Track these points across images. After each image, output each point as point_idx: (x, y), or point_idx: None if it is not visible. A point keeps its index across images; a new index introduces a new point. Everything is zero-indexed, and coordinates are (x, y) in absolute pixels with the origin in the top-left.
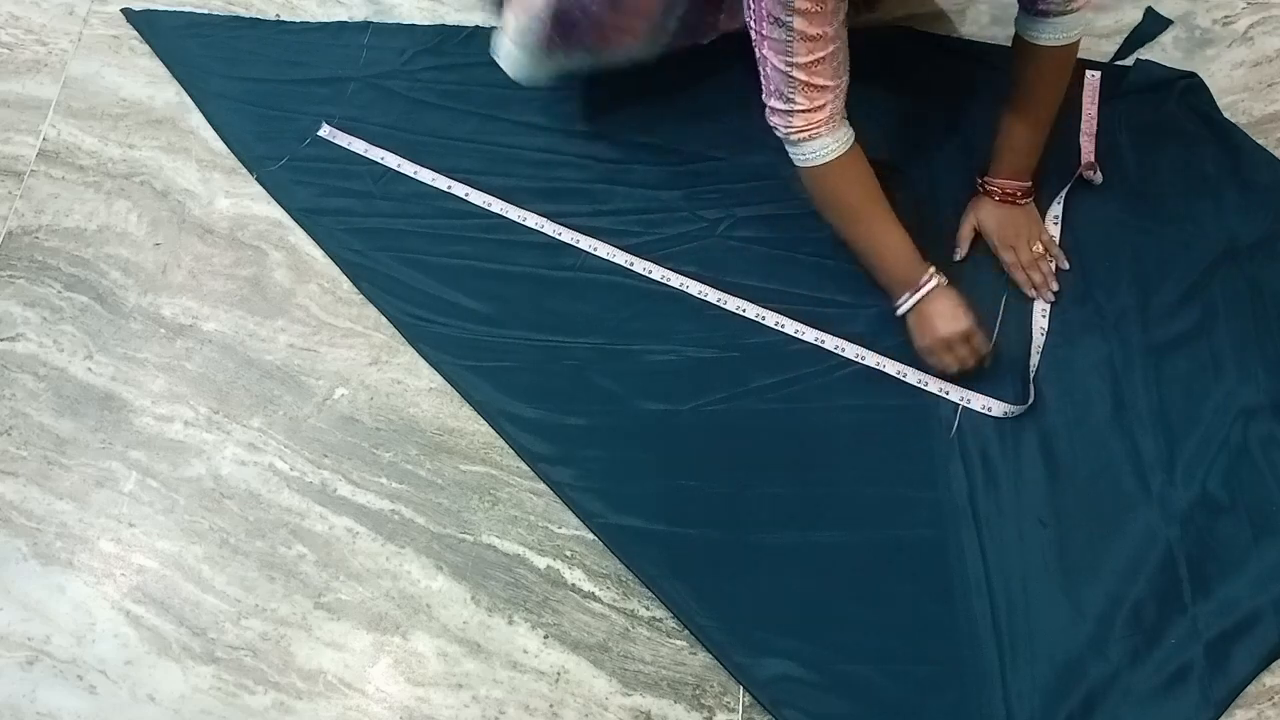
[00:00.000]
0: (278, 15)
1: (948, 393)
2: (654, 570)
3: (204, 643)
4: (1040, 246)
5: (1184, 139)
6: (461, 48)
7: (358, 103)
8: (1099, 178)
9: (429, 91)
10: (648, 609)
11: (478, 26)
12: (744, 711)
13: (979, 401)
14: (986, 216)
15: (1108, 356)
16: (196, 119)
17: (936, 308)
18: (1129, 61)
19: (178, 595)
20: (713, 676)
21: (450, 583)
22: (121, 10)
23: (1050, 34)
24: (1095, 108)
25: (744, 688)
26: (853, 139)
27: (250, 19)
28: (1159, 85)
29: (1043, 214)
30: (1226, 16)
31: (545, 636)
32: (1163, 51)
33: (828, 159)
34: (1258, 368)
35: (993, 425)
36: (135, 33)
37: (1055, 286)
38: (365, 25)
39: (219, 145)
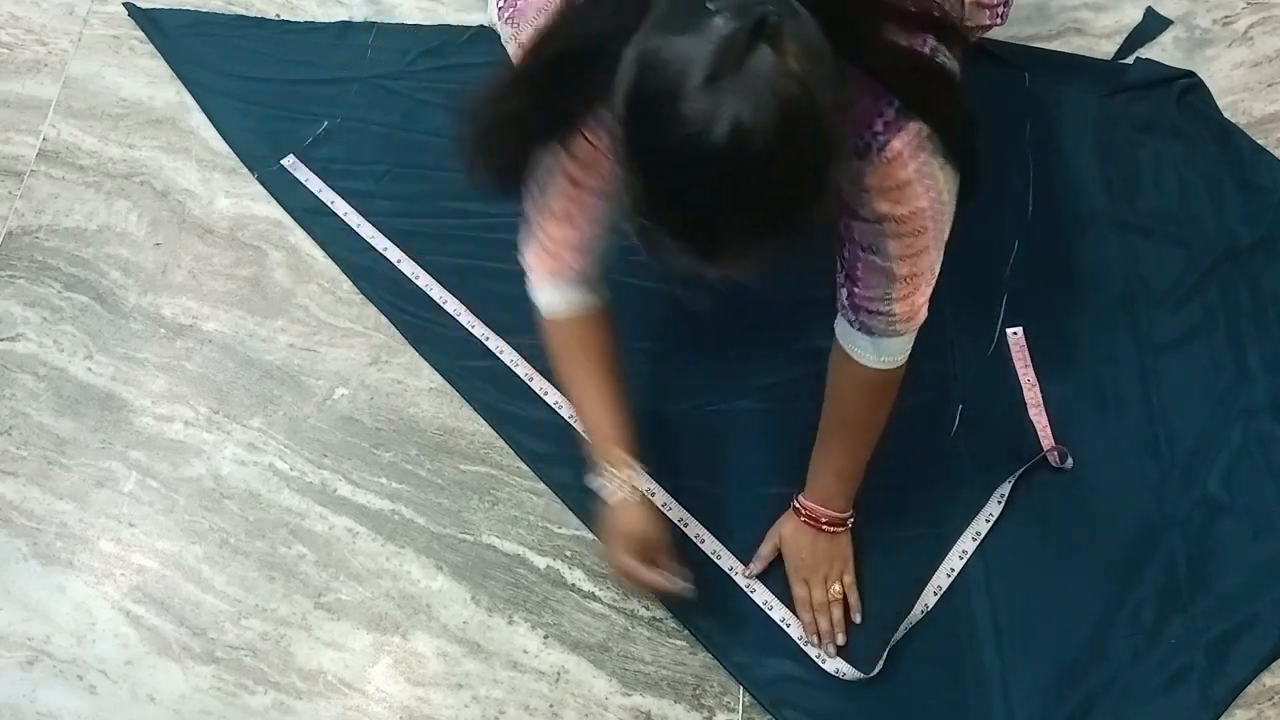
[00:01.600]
0: (278, 15)
1: (787, 624)
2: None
3: (204, 643)
4: (838, 588)
5: (1184, 139)
6: (464, 48)
7: (360, 103)
8: (1070, 463)
9: (431, 92)
10: (648, 609)
11: (481, 27)
12: (744, 711)
13: (815, 649)
14: (789, 539)
15: (1107, 357)
16: (196, 119)
17: (609, 522)
18: (1129, 61)
19: (178, 595)
20: (713, 676)
21: (450, 583)
22: (124, 5)
23: (872, 354)
24: (1032, 371)
25: (744, 688)
26: (590, 309)
27: (254, 18)
28: (1159, 85)
29: (989, 490)
30: (1226, 16)
31: (545, 636)
32: (1163, 51)
33: (552, 312)
34: (1258, 368)
35: (993, 425)
36: (135, 33)
37: (841, 640)
38: (369, 26)
39: (219, 145)
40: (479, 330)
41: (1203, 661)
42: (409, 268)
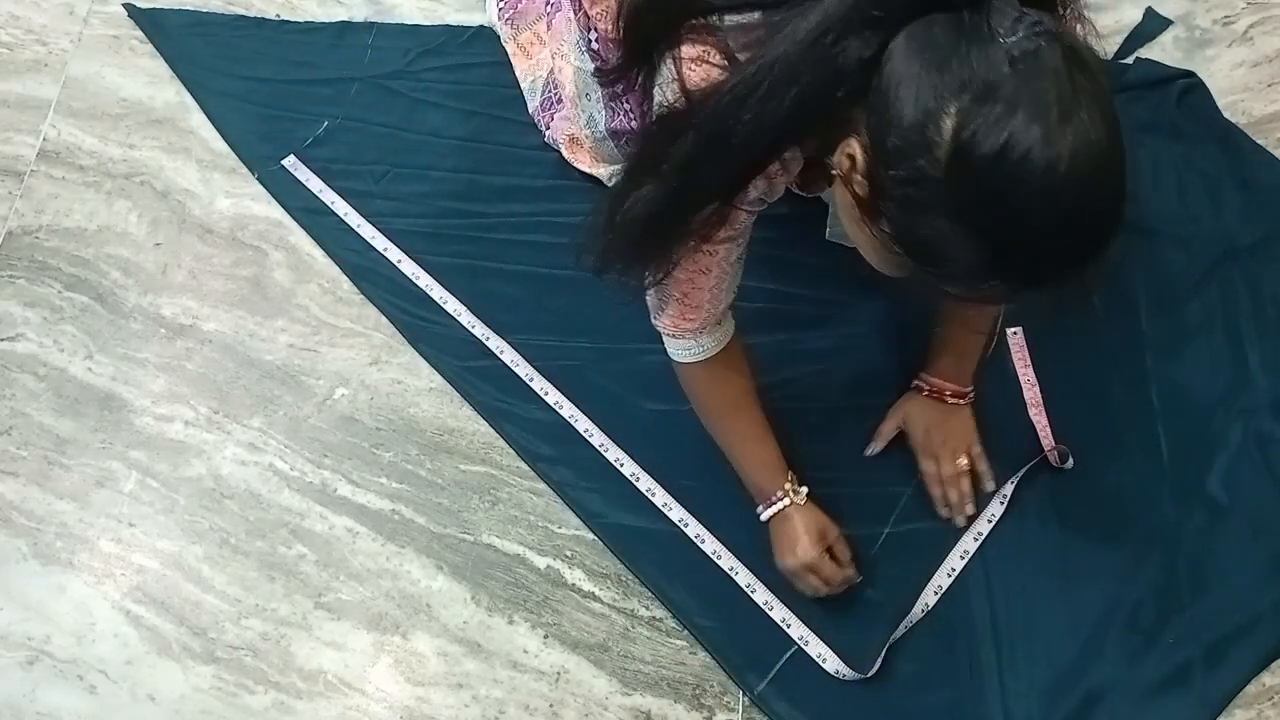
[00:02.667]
0: (278, 15)
1: (788, 625)
2: (654, 570)
3: (204, 642)
4: (965, 461)
5: (1184, 139)
6: (464, 48)
7: (361, 103)
8: (1070, 463)
9: (432, 92)
10: (648, 609)
11: (481, 27)
12: (744, 711)
13: (815, 649)
14: (914, 415)
15: (1107, 356)
16: (197, 119)
17: (784, 531)
18: (1129, 61)
19: (178, 595)
20: (713, 676)
21: (450, 583)
22: (124, 5)
23: None
24: (1032, 371)
25: (742, 689)
26: (725, 340)
27: (254, 18)
28: (1158, 85)
29: (992, 493)
30: (1226, 16)
31: (545, 636)
32: (1162, 51)
33: (692, 360)
34: (1257, 368)
35: (993, 425)
36: (135, 33)
37: (971, 510)
38: (369, 26)
39: (219, 145)
40: (479, 330)
41: (1202, 662)
42: (409, 268)
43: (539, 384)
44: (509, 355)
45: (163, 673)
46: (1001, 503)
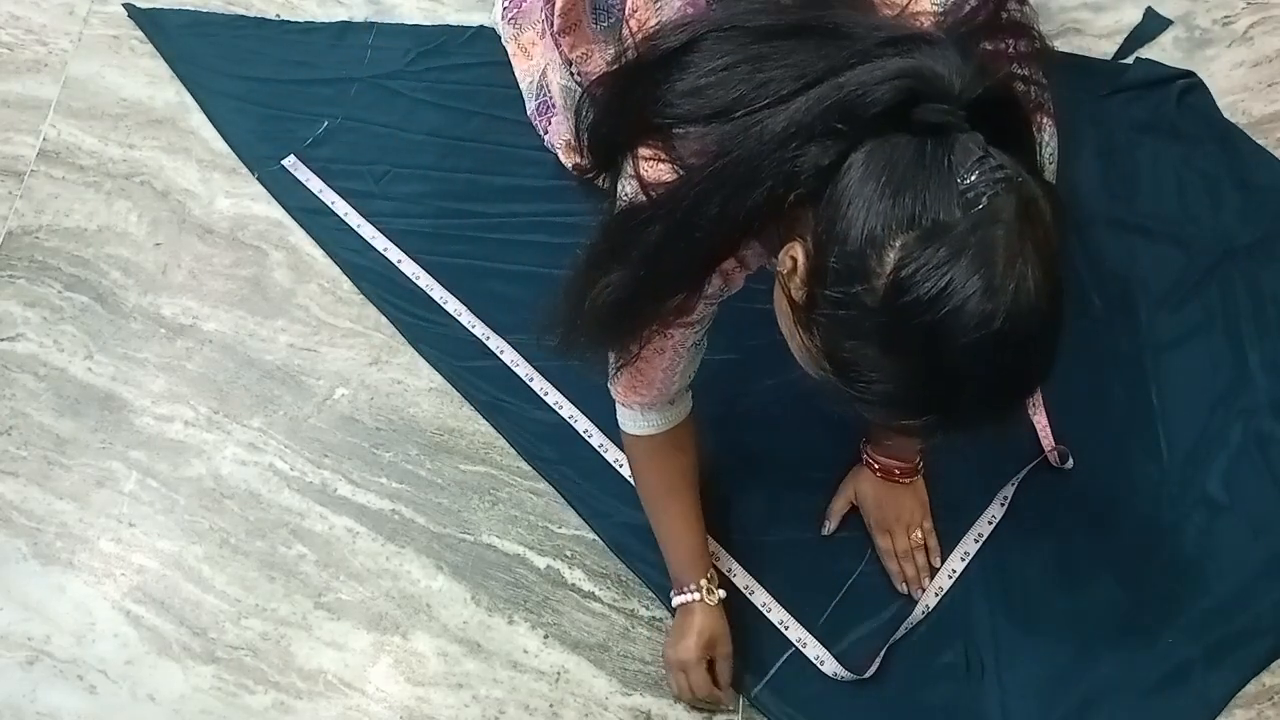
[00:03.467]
0: (278, 15)
1: (786, 627)
2: (653, 571)
3: (204, 642)
4: (919, 534)
5: (1183, 139)
6: (464, 48)
7: (360, 103)
8: (1070, 464)
9: (432, 92)
10: (648, 609)
11: (481, 27)
12: (743, 711)
13: (813, 650)
14: (865, 492)
15: (1107, 356)
16: (197, 119)
17: (683, 622)
18: (1128, 61)
19: (178, 595)
20: None
21: (450, 582)
22: (124, 5)
23: None
24: None
25: (741, 689)
26: (674, 421)
27: (254, 18)
28: (1158, 85)
29: (991, 492)
30: (1226, 16)
31: (545, 636)
32: (1162, 51)
33: (637, 433)
34: (1257, 368)
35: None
36: (135, 33)
37: (928, 584)
38: (369, 26)
39: (219, 145)
40: (479, 330)
41: (1201, 662)
42: (409, 268)
43: (539, 384)
44: (509, 355)
45: (163, 673)
46: (1002, 504)
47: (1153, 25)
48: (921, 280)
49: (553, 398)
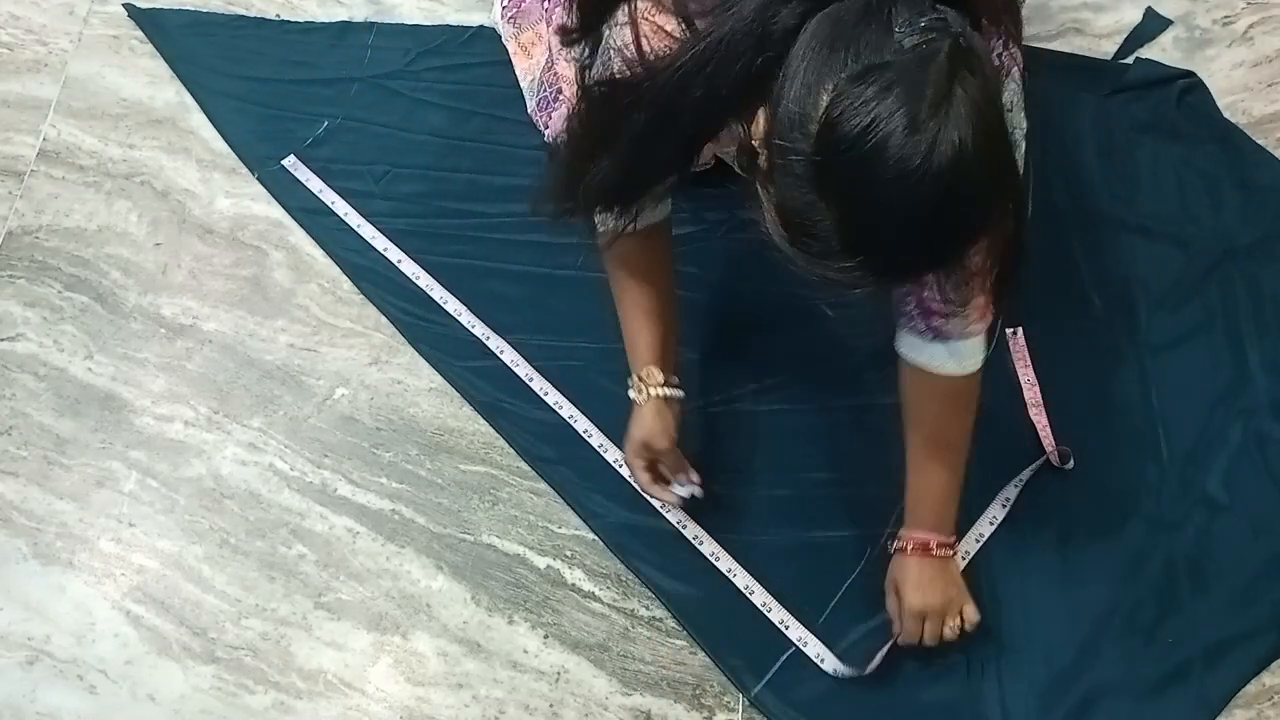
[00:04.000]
0: (278, 15)
1: (786, 626)
2: (652, 571)
3: (204, 642)
4: (956, 625)
5: (1183, 139)
6: (465, 48)
7: (360, 103)
8: (1071, 464)
9: (432, 92)
10: (648, 609)
11: (481, 27)
12: (744, 711)
13: (813, 649)
14: (904, 574)
15: (1107, 357)
16: (197, 119)
17: (632, 418)
18: (1129, 61)
19: (178, 595)
20: (713, 676)
21: (450, 582)
22: (124, 6)
23: (952, 362)
24: (1032, 371)
25: (741, 690)
26: (657, 218)
27: (254, 18)
28: (1158, 85)
29: (991, 493)
30: (1226, 16)
31: (545, 636)
32: (1162, 51)
33: (610, 229)
34: (1257, 368)
35: (993, 427)
36: (135, 33)
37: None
38: (369, 26)
39: (219, 145)
40: (479, 330)
41: (1201, 662)
42: (409, 268)
43: (539, 384)
44: (509, 355)
45: (163, 673)
46: (1003, 506)
47: (1153, 25)
48: (849, 118)
49: (553, 398)
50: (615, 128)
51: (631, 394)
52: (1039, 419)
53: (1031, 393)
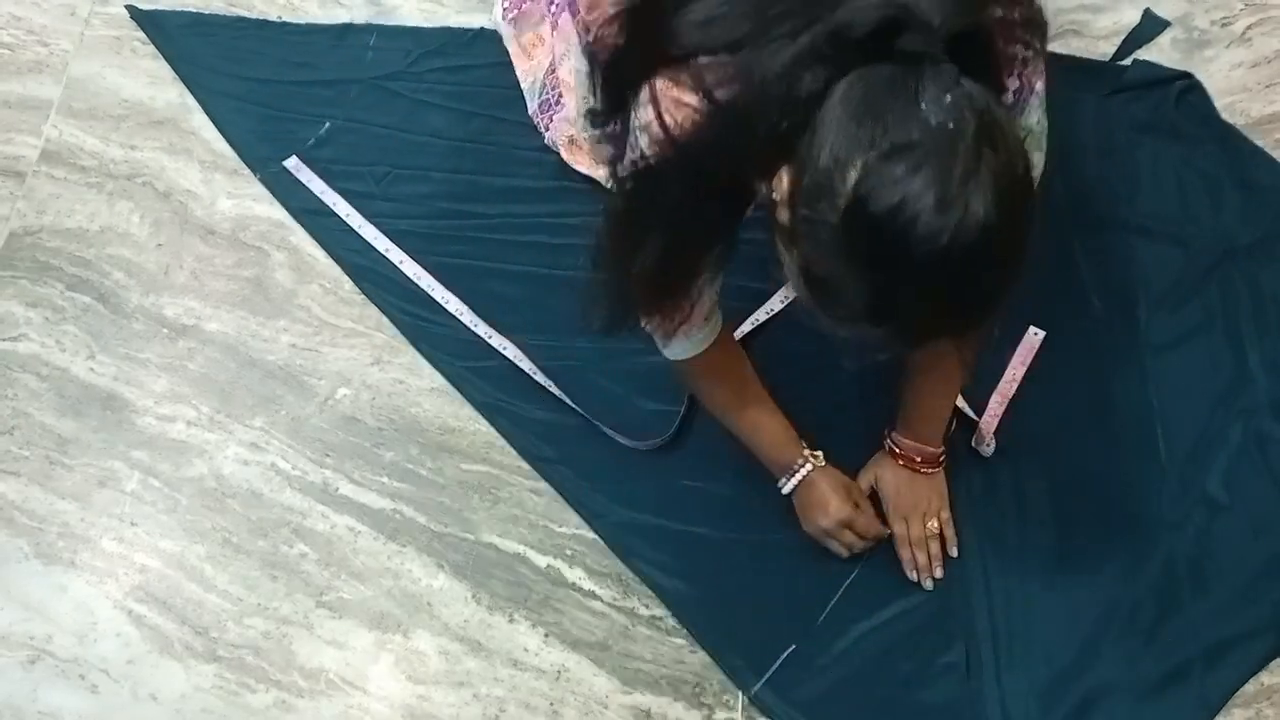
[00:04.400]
0: (279, 16)
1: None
2: (654, 569)
3: (206, 642)
4: (935, 524)
5: (1182, 139)
6: (465, 49)
7: (361, 104)
8: (989, 449)
9: (433, 93)
10: (648, 608)
11: (482, 28)
12: (744, 710)
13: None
14: (886, 478)
15: (1107, 357)
16: (198, 120)
17: (811, 496)
18: (1127, 62)
19: (180, 594)
20: (713, 675)
21: (451, 581)
22: (126, 6)
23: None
24: (1024, 370)
25: (740, 688)
26: (715, 332)
27: (256, 20)
28: (1157, 86)
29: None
30: (1225, 17)
31: (546, 635)
32: (1161, 52)
33: (686, 356)
34: (1257, 368)
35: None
36: (137, 34)
37: (939, 573)
38: (369, 28)
39: (221, 146)
40: (481, 329)
41: (1201, 661)
42: (411, 268)
43: (542, 379)
44: (511, 351)
45: (164, 672)
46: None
47: (1151, 26)
48: (878, 195)
49: (557, 394)
50: (651, 210)
51: (800, 474)
52: (997, 406)
53: (1008, 386)
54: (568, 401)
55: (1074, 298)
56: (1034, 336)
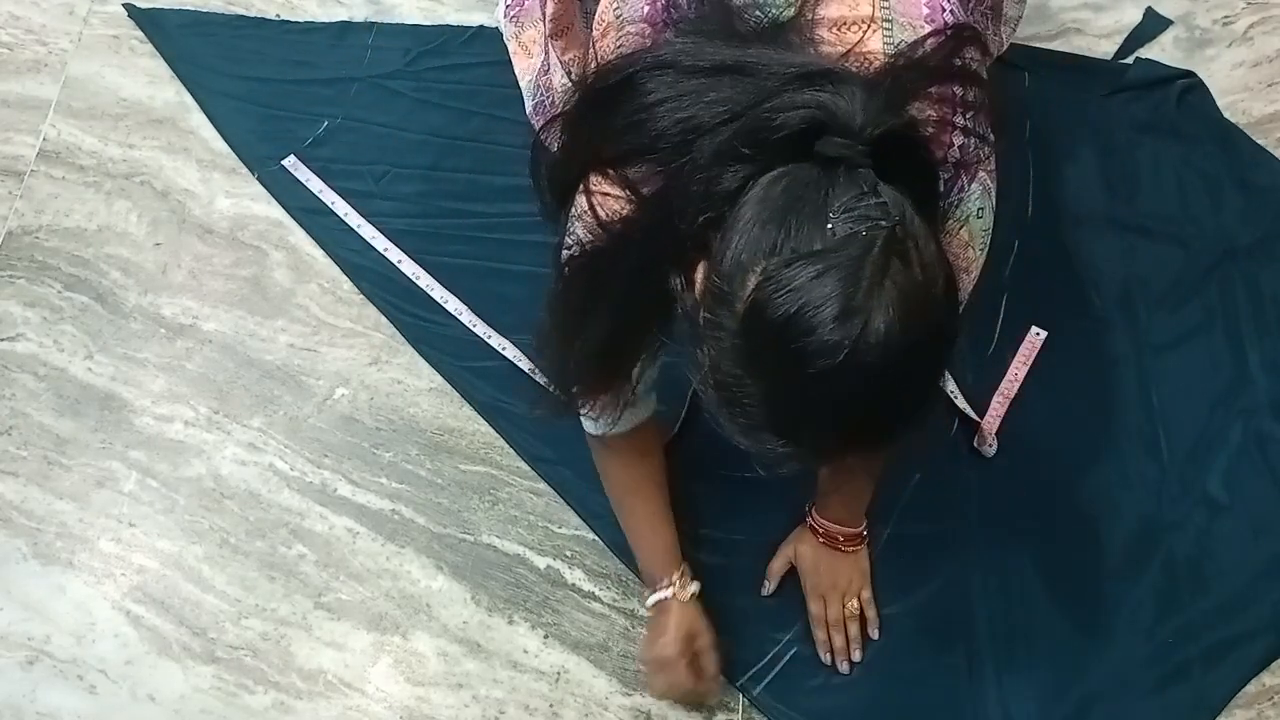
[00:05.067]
0: (278, 15)
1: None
2: None
3: (204, 642)
4: (855, 604)
5: (1183, 139)
6: (465, 48)
7: (360, 103)
8: (991, 450)
9: (432, 91)
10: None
11: (481, 26)
12: (744, 712)
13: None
14: (805, 555)
15: (1107, 357)
16: (197, 119)
17: (656, 621)
18: (1129, 61)
19: (178, 595)
20: None
21: (450, 582)
22: (124, 5)
23: None
24: (1025, 370)
25: (742, 688)
26: (635, 422)
27: (254, 18)
28: (1158, 85)
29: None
30: (1226, 16)
31: (545, 636)
32: (1162, 51)
33: (598, 434)
34: (1257, 368)
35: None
36: (135, 33)
37: (858, 656)
38: (369, 26)
39: (219, 145)
40: (480, 329)
41: (1201, 662)
42: (409, 268)
43: (541, 379)
44: (511, 351)
45: (163, 673)
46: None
47: (1153, 25)
48: (776, 303)
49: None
50: (589, 295)
51: (661, 595)
52: (999, 406)
53: (1009, 386)
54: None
55: (1074, 298)
56: (1035, 336)
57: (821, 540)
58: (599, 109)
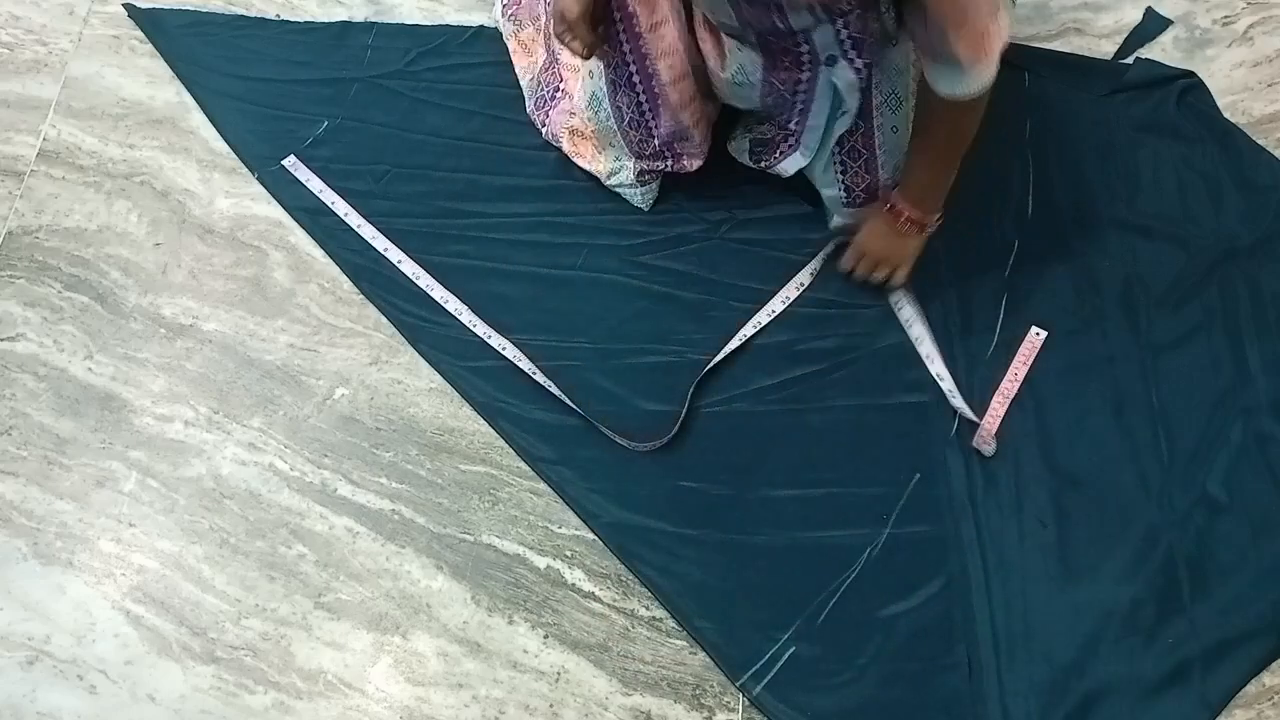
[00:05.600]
0: (278, 15)
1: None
2: (654, 570)
3: (204, 642)
4: (880, 276)
5: (1183, 139)
6: (464, 48)
7: (360, 103)
8: (990, 449)
9: (431, 91)
10: (648, 609)
11: (481, 27)
12: (744, 711)
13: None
14: (869, 222)
15: (1107, 357)
16: (196, 119)
17: None
18: (1129, 61)
19: (178, 595)
20: (712, 676)
21: (450, 583)
22: (124, 6)
23: (946, 86)
24: (1026, 370)
25: (742, 688)
26: None
27: (254, 18)
28: (1158, 85)
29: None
30: (1226, 16)
31: (545, 636)
32: (1163, 51)
33: None
34: (1257, 368)
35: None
36: (135, 33)
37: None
38: (368, 26)
39: (219, 145)
40: (480, 329)
41: (1201, 662)
42: (409, 268)
43: (542, 379)
44: (511, 351)
45: (163, 673)
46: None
47: (1153, 25)
48: None
49: (556, 393)
50: None
51: None
52: (998, 406)
53: (1010, 385)
54: (567, 401)
55: (1074, 298)
56: (1035, 336)
57: (888, 214)
58: None
